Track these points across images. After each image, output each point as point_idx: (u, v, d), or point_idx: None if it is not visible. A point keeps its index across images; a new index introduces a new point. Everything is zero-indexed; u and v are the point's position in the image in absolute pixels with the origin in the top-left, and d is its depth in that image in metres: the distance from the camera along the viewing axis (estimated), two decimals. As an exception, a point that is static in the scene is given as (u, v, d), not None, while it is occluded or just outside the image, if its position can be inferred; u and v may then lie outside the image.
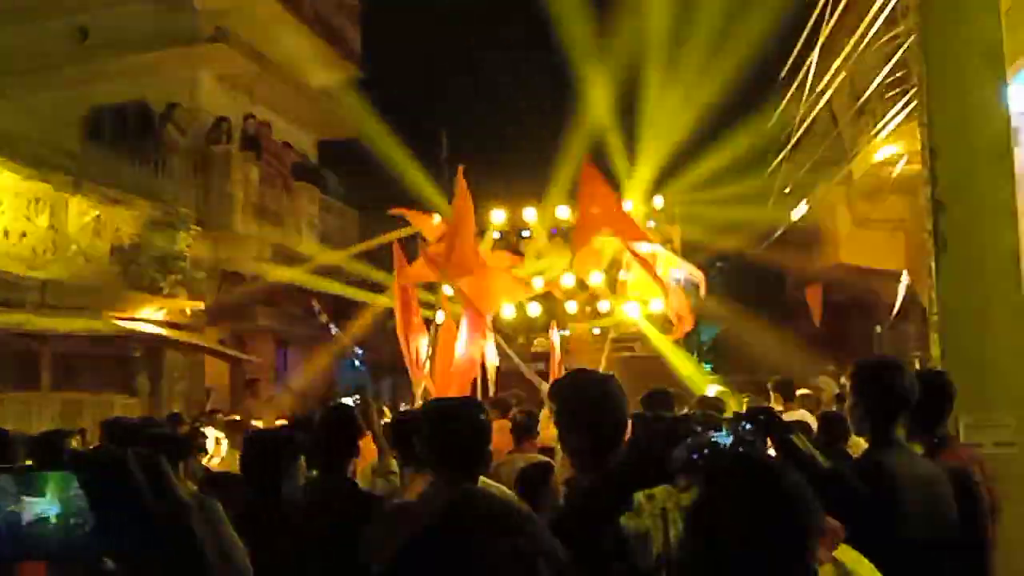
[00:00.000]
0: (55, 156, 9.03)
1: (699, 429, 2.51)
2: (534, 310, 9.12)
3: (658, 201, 12.29)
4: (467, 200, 6.61)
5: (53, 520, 1.36)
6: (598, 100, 13.38)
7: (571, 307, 9.03)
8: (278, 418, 8.90)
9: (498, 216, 11.59)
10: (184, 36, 11.60)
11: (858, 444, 4.30)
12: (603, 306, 9.98)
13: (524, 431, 4.62)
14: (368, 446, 4.24)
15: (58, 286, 8.51)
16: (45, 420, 8.35)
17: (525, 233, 12.40)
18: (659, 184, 12.65)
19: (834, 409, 5.34)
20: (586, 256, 7.15)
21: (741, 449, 2.04)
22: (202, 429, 6.52)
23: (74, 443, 5.37)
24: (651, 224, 12.51)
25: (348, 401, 8.17)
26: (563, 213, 11.65)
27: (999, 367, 3.62)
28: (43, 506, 1.37)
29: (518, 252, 11.37)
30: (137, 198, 9.72)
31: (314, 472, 3.64)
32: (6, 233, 8.27)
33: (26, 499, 1.37)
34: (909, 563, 2.14)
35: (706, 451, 2.01)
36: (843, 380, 9.12)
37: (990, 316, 3.68)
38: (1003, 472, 3.03)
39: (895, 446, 2.34)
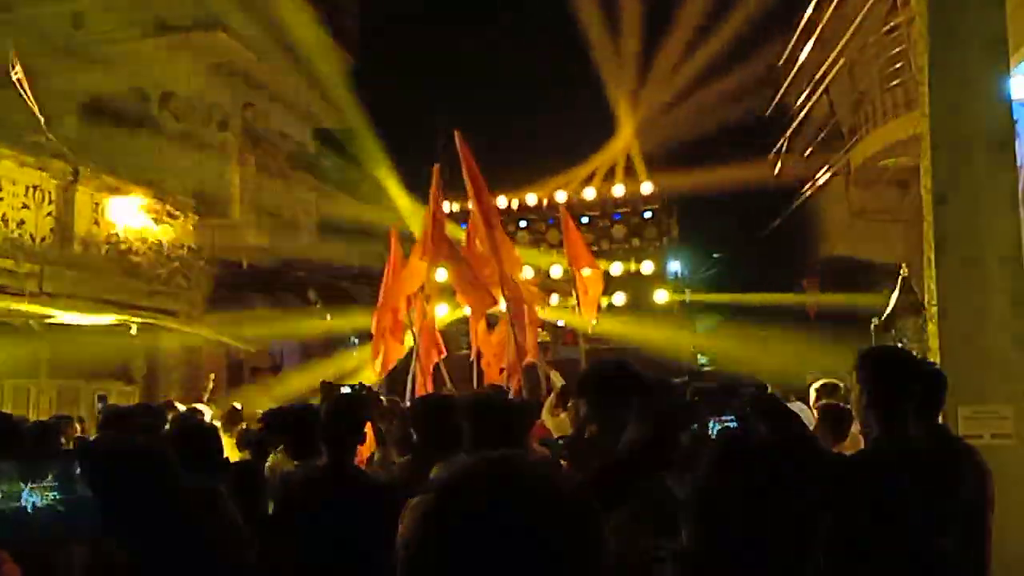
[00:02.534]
0: (54, 144, 9.00)
1: (705, 415, 2.52)
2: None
3: (646, 187, 12.33)
4: (472, 165, 6.52)
5: (57, 505, 1.37)
6: (594, 90, 13.37)
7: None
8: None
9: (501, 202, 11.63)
10: (181, 24, 11.53)
11: (854, 438, 4.32)
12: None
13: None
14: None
15: (57, 273, 8.49)
16: (43, 406, 8.38)
17: (523, 223, 12.43)
18: (653, 171, 12.69)
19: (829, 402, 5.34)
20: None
21: (747, 435, 2.04)
22: (198, 407, 6.55)
23: (75, 429, 5.41)
24: (648, 215, 12.58)
25: (348, 390, 8.16)
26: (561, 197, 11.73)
27: (997, 359, 3.62)
28: (48, 491, 1.38)
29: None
30: (135, 186, 9.70)
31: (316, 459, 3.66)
32: (5, 221, 8.25)
33: (31, 485, 1.38)
34: (915, 550, 2.16)
35: (713, 437, 2.02)
36: (842, 372, 9.14)
37: (989, 308, 3.67)
38: (1000, 464, 3.04)
39: (901, 437, 2.33)
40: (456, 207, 10.84)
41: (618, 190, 12.36)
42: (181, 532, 1.56)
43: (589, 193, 12.45)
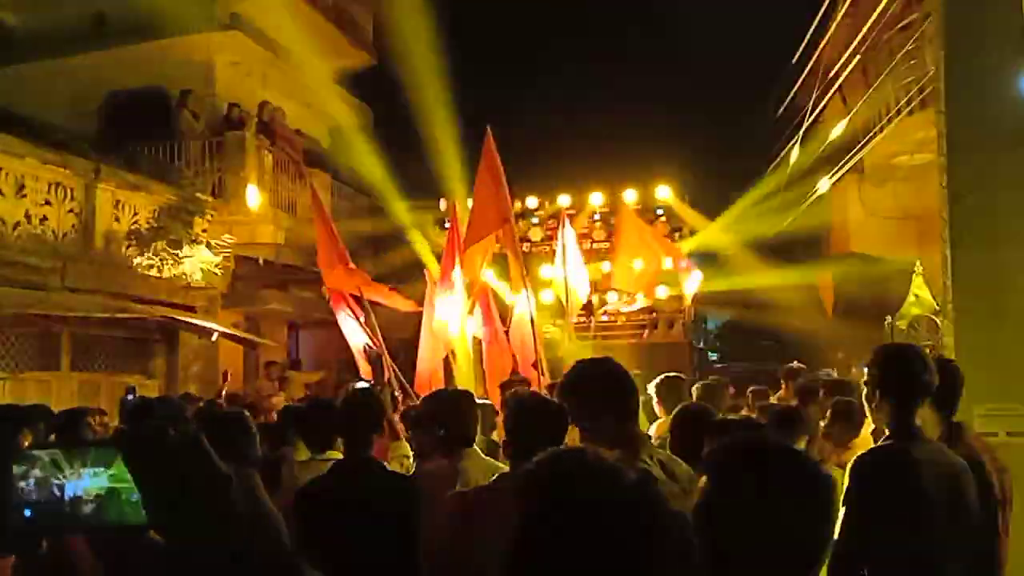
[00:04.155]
0: (75, 141, 9.13)
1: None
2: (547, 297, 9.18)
3: (663, 192, 12.34)
4: (494, 162, 6.47)
5: (101, 494, 1.40)
6: (606, 89, 13.37)
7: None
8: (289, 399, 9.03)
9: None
10: (199, 23, 11.63)
11: (864, 438, 4.32)
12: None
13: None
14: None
15: (78, 269, 8.62)
16: (64, 399, 8.49)
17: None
18: (666, 173, 12.68)
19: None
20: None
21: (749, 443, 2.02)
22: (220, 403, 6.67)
23: (95, 421, 5.50)
24: (659, 212, 12.59)
25: (363, 385, 8.20)
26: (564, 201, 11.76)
27: (1013, 356, 3.62)
28: (91, 480, 1.41)
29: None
30: (154, 183, 9.81)
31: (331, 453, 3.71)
32: (28, 217, 8.38)
33: (73, 473, 1.41)
34: (931, 551, 2.17)
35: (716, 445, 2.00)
36: (853, 369, 9.12)
37: (1004, 306, 3.68)
38: (1016, 461, 3.03)
39: (916, 434, 2.34)
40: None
41: (629, 195, 12.35)
42: (223, 520, 1.58)
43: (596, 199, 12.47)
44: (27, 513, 1.41)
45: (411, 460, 3.97)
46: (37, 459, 1.47)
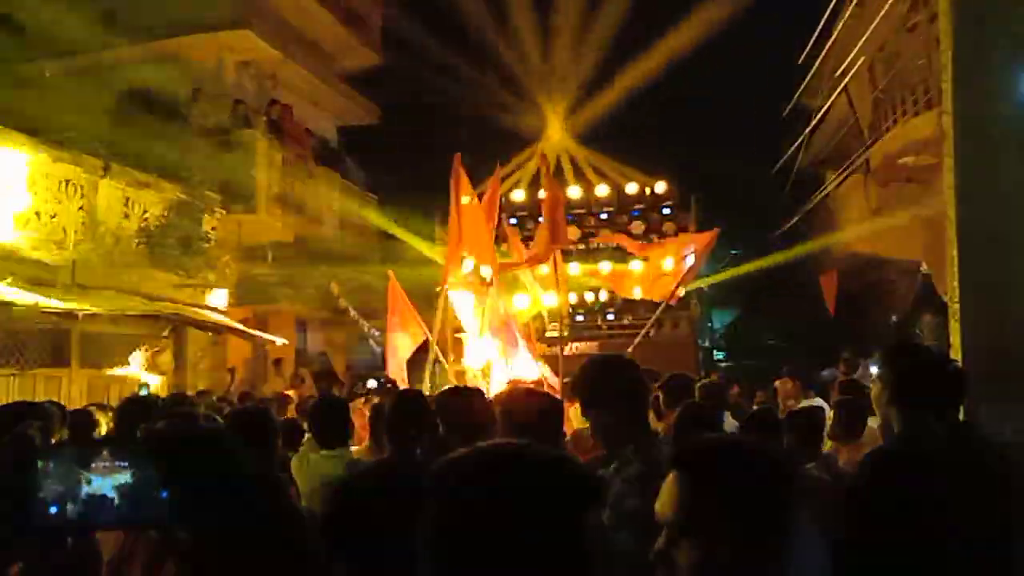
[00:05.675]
0: (85, 139, 9.18)
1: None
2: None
3: (659, 187, 12.33)
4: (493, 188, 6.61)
5: (127, 491, 1.43)
6: (610, 86, 13.38)
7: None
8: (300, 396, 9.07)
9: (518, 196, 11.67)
10: (209, 22, 11.69)
11: (872, 433, 4.34)
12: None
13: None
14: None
15: (87, 266, 8.68)
16: (73, 396, 8.55)
17: (541, 218, 12.44)
18: (669, 169, 12.68)
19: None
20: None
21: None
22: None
23: (103, 419, 5.56)
24: (666, 211, 12.59)
25: (372, 384, 8.24)
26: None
27: (1020, 356, 3.62)
28: (118, 477, 1.44)
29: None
30: (164, 181, 9.87)
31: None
32: (37, 215, 8.44)
33: (101, 470, 1.44)
34: (941, 550, 2.19)
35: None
36: (860, 371, 9.13)
37: (1011, 305, 3.67)
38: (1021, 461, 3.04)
39: (924, 434, 2.35)
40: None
41: (631, 187, 12.37)
42: (247, 519, 1.62)
43: (602, 190, 12.48)
44: (53, 509, 1.43)
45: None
46: (63, 455, 1.48)
